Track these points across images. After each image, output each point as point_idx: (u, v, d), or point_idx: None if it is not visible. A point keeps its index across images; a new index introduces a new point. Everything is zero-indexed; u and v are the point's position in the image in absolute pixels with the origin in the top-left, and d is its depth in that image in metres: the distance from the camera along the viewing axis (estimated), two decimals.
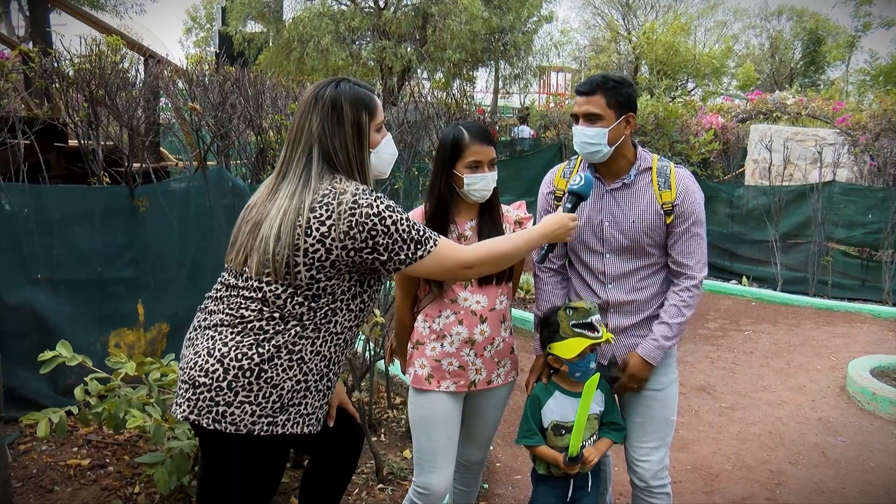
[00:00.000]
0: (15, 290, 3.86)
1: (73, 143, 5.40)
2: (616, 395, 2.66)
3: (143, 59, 5.45)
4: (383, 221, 1.96)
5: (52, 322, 3.93)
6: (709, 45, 29.86)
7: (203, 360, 1.98)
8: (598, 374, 2.46)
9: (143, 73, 5.07)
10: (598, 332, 2.42)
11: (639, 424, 2.61)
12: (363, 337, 3.90)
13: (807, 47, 31.12)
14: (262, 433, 1.96)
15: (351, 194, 1.95)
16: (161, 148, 6.48)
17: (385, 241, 1.97)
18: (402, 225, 2.00)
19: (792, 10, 31.98)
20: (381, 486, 3.51)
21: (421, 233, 2.04)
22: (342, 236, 1.92)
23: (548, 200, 2.67)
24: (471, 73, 16.97)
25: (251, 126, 4.78)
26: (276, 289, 1.95)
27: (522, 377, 2.78)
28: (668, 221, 2.48)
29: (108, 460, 3.60)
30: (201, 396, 1.95)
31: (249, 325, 1.97)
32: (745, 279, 8.77)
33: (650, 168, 2.53)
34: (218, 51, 11.11)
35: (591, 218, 2.56)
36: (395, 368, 4.32)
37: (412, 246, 2.02)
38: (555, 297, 2.67)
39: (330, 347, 2.06)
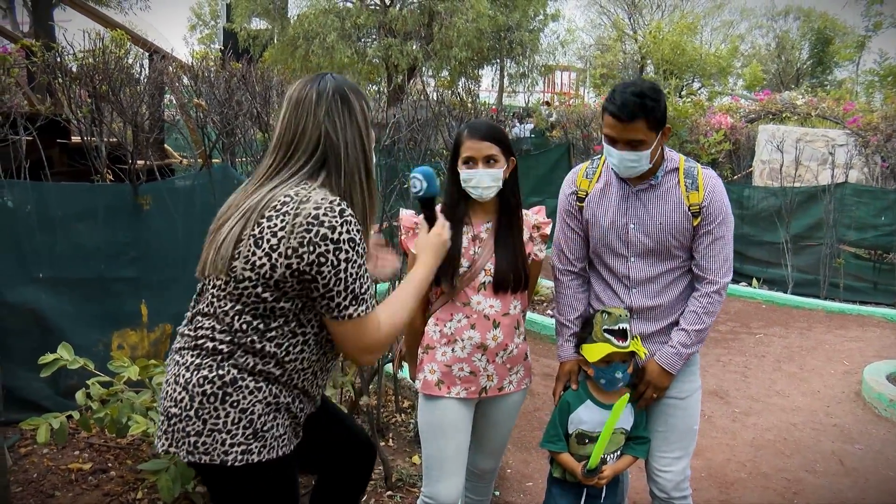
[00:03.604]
0: (16, 289, 3.78)
1: (76, 139, 5.32)
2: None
3: (147, 54, 5.36)
4: (337, 252, 1.70)
5: (54, 322, 3.85)
6: (715, 45, 29.79)
7: (171, 388, 1.83)
8: (627, 395, 2.40)
9: (147, 68, 4.98)
10: (626, 341, 2.34)
11: (661, 434, 2.52)
12: None
13: (814, 47, 30.98)
14: (236, 464, 1.79)
15: (313, 205, 1.70)
16: (165, 145, 6.41)
17: (328, 276, 1.71)
18: (353, 268, 1.74)
19: (799, 10, 31.85)
20: (389, 493, 3.42)
21: (363, 289, 1.78)
22: (289, 252, 1.69)
23: (570, 201, 2.57)
24: (476, 71, 16.92)
25: (257, 123, 4.70)
26: (224, 304, 1.78)
27: (536, 383, 2.69)
28: (694, 223, 2.39)
29: (110, 465, 3.52)
30: (175, 427, 1.81)
31: (205, 346, 1.80)
32: (755, 281, 8.68)
33: (677, 169, 2.44)
34: (223, 47, 11.05)
35: (616, 220, 2.46)
36: (404, 372, 4.25)
37: (349, 298, 1.75)
38: (577, 301, 2.58)
39: (298, 372, 1.86)
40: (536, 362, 4.89)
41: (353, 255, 1.73)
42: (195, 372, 1.79)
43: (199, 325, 1.83)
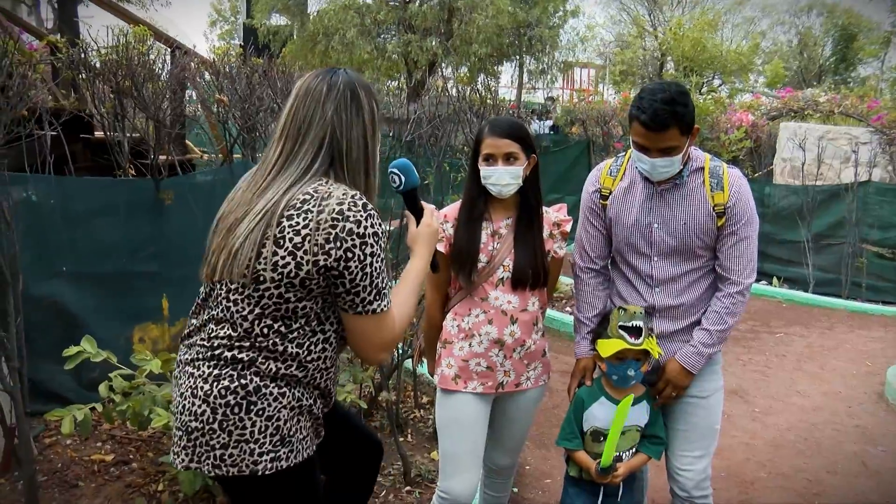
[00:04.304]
0: (40, 283, 3.82)
1: (99, 134, 5.37)
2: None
3: (169, 50, 5.40)
4: (363, 247, 1.68)
5: (77, 315, 3.89)
6: (736, 42, 29.47)
7: (189, 401, 1.77)
8: (632, 396, 2.40)
9: (169, 64, 5.01)
10: (639, 339, 2.33)
11: (682, 432, 2.51)
12: None
13: (838, 44, 30.58)
14: (266, 472, 1.76)
15: (336, 201, 1.68)
16: (186, 140, 6.44)
17: (355, 270, 1.69)
18: (377, 262, 1.71)
19: (822, 6, 31.43)
20: (408, 488, 3.44)
21: (385, 283, 1.76)
22: (316, 249, 1.66)
23: (593, 199, 2.56)
24: (495, 67, 16.89)
25: (278, 118, 4.71)
26: (242, 309, 1.72)
27: (554, 380, 2.69)
28: (719, 224, 2.37)
29: (131, 456, 3.56)
30: (197, 442, 1.76)
31: (223, 356, 1.75)
32: (775, 280, 8.60)
33: (702, 168, 2.42)
34: (243, 43, 11.10)
35: (640, 219, 2.45)
36: (423, 368, 4.26)
37: (373, 293, 1.73)
38: (597, 298, 2.57)
39: (321, 372, 1.84)
40: (556, 359, 4.85)
41: (377, 249, 1.71)
42: (215, 383, 1.74)
43: (214, 333, 1.78)
